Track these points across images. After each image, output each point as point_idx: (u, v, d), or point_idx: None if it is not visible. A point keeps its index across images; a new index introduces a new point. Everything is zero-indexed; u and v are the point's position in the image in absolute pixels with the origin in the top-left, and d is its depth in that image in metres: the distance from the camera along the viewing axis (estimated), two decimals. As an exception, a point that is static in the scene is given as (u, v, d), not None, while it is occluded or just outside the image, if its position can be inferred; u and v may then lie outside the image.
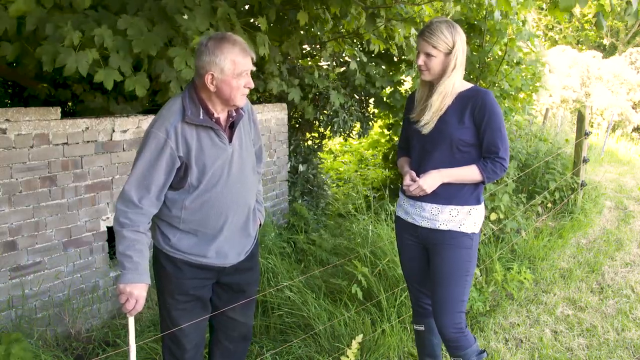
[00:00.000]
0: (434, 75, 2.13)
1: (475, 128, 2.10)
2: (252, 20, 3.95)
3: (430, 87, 2.21)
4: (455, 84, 2.11)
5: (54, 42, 2.71)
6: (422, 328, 2.46)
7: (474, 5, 4.84)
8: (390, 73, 5.57)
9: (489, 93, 2.11)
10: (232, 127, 1.96)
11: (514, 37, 5.00)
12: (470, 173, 2.12)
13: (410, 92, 5.62)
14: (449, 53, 2.08)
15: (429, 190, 2.13)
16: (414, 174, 2.18)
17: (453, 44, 2.07)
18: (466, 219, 2.15)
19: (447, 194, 2.14)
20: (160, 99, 3.54)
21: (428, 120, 2.13)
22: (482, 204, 2.23)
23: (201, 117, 1.85)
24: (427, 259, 2.29)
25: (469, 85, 2.17)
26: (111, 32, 2.80)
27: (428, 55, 2.09)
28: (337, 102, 5.03)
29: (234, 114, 1.96)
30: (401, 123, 5.89)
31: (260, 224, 2.23)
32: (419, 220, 2.22)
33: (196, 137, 1.86)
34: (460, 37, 2.09)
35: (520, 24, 5.10)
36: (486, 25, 4.73)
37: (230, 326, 2.21)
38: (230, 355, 2.26)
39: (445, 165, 2.13)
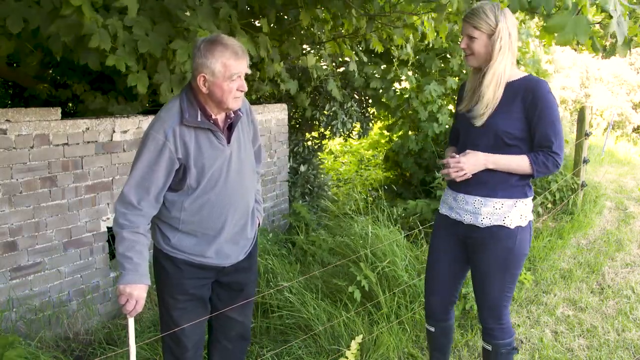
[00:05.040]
0: (480, 59, 2.02)
1: (526, 120, 1.97)
2: (252, 20, 3.95)
3: (481, 75, 2.08)
4: (505, 70, 1.98)
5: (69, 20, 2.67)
6: (433, 329, 2.42)
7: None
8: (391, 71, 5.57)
9: (543, 82, 1.98)
10: (230, 128, 1.97)
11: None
12: (519, 163, 1.99)
13: (404, 91, 5.65)
14: (492, 34, 1.96)
15: (468, 169, 2.00)
16: (453, 152, 2.11)
17: (496, 24, 1.94)
18: (510, 212, 2.04)
19: (491, 185, 2.04)
20: (159, 99, 3.55)
21: (481, 112, 2.00)
22: (530, 198, 2.10)
23: (199, 118, 1.86)
24: (463, 260, 2.24)
25: (521, 73, 2.03)
26: (122, 24, 2.80)
27: (470, 37, 2.00)
28: (336, 92, 5.01)
29: (232, 115, 1.96)
30: (398, 122, 5.88)
31: (259, 224, 2.23)
32: (462, 215, 2.12)
33: (194, 138, 1.86)
34: (506, 19, 1.96)
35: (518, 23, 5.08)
36: None
37: (228, 325, 2.21)
38: (229, 355, 2.26)
39: None
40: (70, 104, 5.04)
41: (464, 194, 2.11)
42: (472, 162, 2.01)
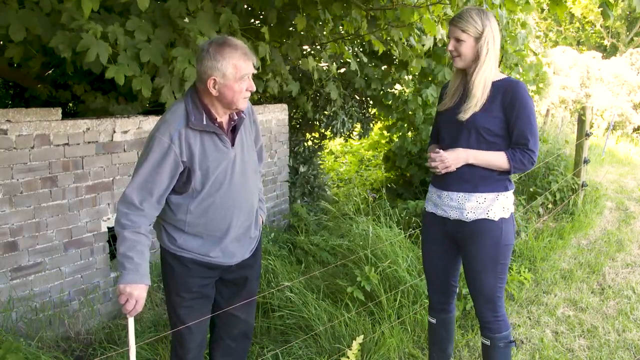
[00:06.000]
0: (466, 61, 2.12)
1: (505, 119, 2.09)
2: (252, 21, 3.95)
3: (463, 76, 2.20)
4: (492, 72, 2.10)
5: (69, 32, 2.70)
6: (434, 321, 2.50)
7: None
8: (391, 73, 5.56)
9: (521, 84, 2.11)
10: (234, 130, 1.98)
11: (507, 41, 4.99)
12: (497, 159, 2.11)
13: (404, 93, 5.64)
14: (478, 38, 2.07)
15: (451, 163, 2.12)
16: (437, 148, 2.20)
17: (482, 28, 2.07)
18: (493, 205, 2.15)
19: (473, 181, 2.15)
20: (157, 99, 3.54)
21: (468, 108, 2.10)
22: (511, 191, 2.22)
23: (204, 122, 1.87)
24: (454, 252, 2.32)
25: (502, 75, 2.16)
26: (123, 31, 2.81)
27: (458, 40, 2.10)
28: (336, 95, 5.02)
29: (236, 117, 1.98)
30: (397, 123, 5.88)
31: (262, 222, 2.26)
32: (448, 211, 2.22)
33: (200, 142, 1.88)
34: (491, 23, 2.08)
35: (517, 25, 5.07)
36: None
37: (232, 323, 2.22)
38: (231, 353, 2.27)
39: None
40: (71, 104, 5.04)
41: (448, 191, 2.21)
42: (453, 157, 2.13)
